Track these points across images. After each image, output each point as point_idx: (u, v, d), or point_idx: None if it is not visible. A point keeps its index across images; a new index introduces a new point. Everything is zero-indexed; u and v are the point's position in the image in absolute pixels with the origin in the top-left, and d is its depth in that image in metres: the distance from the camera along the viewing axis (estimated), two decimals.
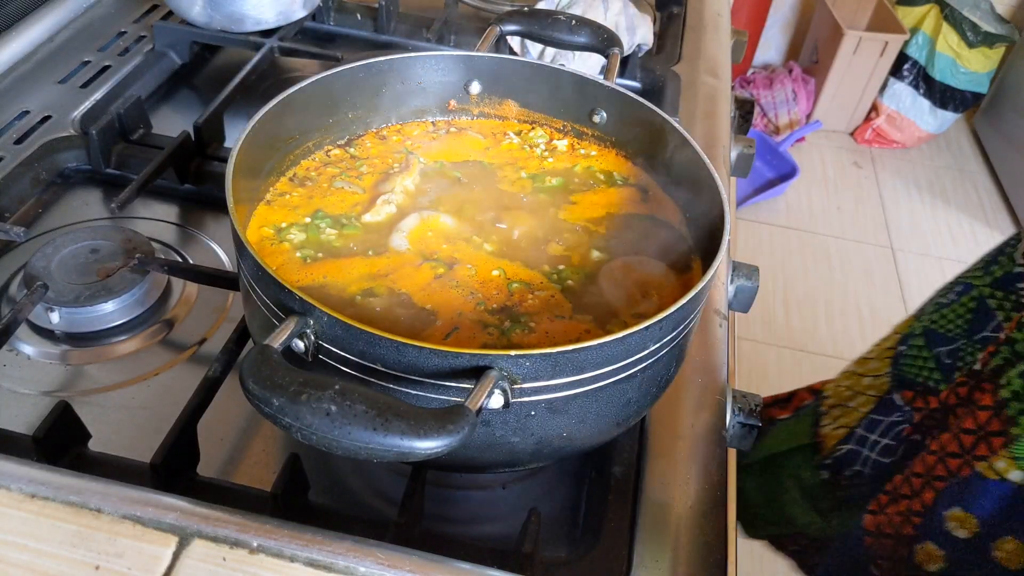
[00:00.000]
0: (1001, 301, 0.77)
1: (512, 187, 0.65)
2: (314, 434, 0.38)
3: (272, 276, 0.45)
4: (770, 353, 2.16)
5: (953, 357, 0.79)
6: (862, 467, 0.87)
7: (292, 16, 0.98)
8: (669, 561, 0.53)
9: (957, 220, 2.68)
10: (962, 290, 0.83)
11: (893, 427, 0.84)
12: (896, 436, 0.83)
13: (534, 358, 0.43)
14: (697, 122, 0.94)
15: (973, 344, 0.78)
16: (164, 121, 0.89)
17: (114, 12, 1.02)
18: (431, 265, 0.56)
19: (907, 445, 0.82)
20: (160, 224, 0.77)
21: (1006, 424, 0.66)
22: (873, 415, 0.86)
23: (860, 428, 0.87)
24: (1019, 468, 0.60)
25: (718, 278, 0.75)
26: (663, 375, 0.53)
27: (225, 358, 0.60)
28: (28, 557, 0.44)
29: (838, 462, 0.90)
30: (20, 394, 0.62)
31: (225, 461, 0.59)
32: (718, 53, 1.08)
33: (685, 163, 0.61)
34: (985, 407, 0.67)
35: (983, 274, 0.81)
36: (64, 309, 0.64)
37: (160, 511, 0.46)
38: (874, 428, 0.86)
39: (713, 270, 0.49)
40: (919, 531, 0.68)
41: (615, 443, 0.59)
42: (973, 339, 0.78)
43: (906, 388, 0.82)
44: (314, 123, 0.64)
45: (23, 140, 0.81)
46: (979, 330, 0.78)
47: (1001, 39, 2.74)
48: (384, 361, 0.44)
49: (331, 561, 0.45)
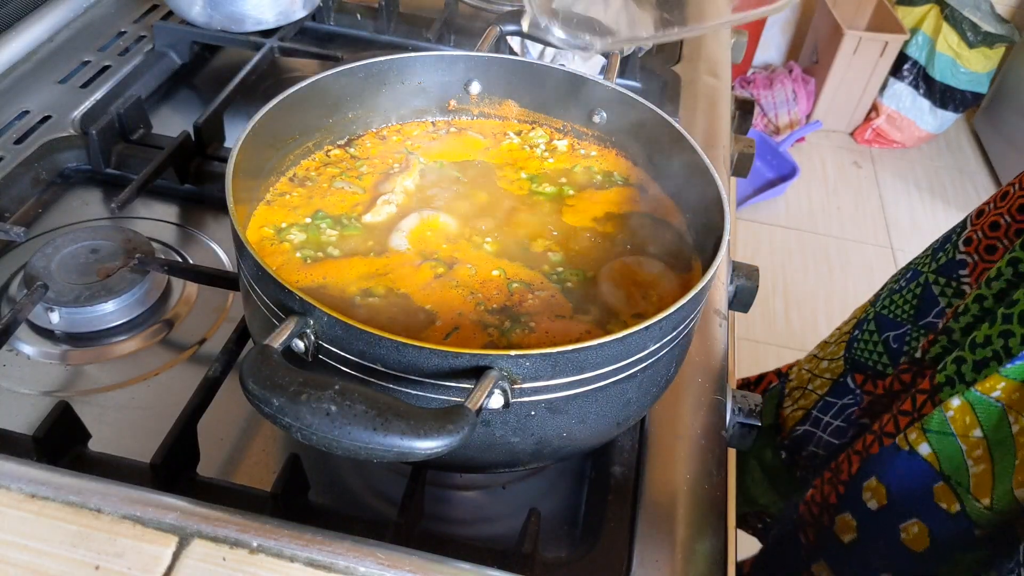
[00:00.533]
0: (944, 288, 0.78)
1: (512, 187, 0.65)
2: (314, 434, 0.38)
3: (272, 276, 0.45)
4: (770, 353, 2.16)
5: (900, 342, 0.80)
6: (816, 447, 0.88)
7: (292, 16, 0.98)
8: (669, 561, 0.53)
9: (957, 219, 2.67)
10: (911, 276, 0.84)
11: (844, 409, 0.85)
12: (847, 419, 0.85)
13: (534, 358, 0.43)
14: (697, 122, 0.94)
15: (918, 329, 0.79)
16: (164, 121, 0.89)
17: (114, 12, 1.02)
18: (431, 265, 0.56)
19: (856, 428, 0.83)
20: (160, 224, 0.77)
21: (938, 407, 0.67)
22: (828, 397, 0.87)
23: (815, 410, 0.88)
24: (927, 441, 0.60)
25: (718, 278, 0.75)
26: (663, 375, 0.53)
27: (225, 358, 0.59)
28: (28, 557, 0.44)
29: (795, 443, 0.91)
30: (20, 394, 0.62)
31: (225, 461, 0.59)
32: (718, 53, 1.08)
33: (685, 163, 0.61)
34: (922, 391, 0.68)
35: (930, 260, 0.82)
36: (64, 309, 0.64)
37: (160, 511, 0.46)
38: (828, 410, 0.87)
39: (713, 270, 0.49)
40: (841, 501, 0.68)
41: (615, 443, 0.59)
42: (918, 325, 0.79)
43: (858, 371, 0.83)
44: (314, 123, 0.64)
45: (23, 140, 0.81)
46: (924, 316, 0.79)
47: (1001, 39, 2.74)
48: (384, 361, 0.44)
49: (331, 561, 0.45)
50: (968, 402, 0.58)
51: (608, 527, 0.54)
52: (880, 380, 0.81)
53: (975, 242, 0.77)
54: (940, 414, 0.60)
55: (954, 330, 0.70)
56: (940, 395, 0.66)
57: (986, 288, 0.67)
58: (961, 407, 0.59)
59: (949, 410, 0.59)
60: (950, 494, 0.60)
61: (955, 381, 0.65)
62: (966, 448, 0.59)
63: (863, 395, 0.81)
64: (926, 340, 0.73)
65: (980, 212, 0.79)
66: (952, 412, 0.59)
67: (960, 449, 0.59)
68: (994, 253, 0.74)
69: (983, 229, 0.76)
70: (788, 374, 1.00)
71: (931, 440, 0.60)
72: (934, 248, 0.83)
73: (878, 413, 0.79)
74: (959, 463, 0.59)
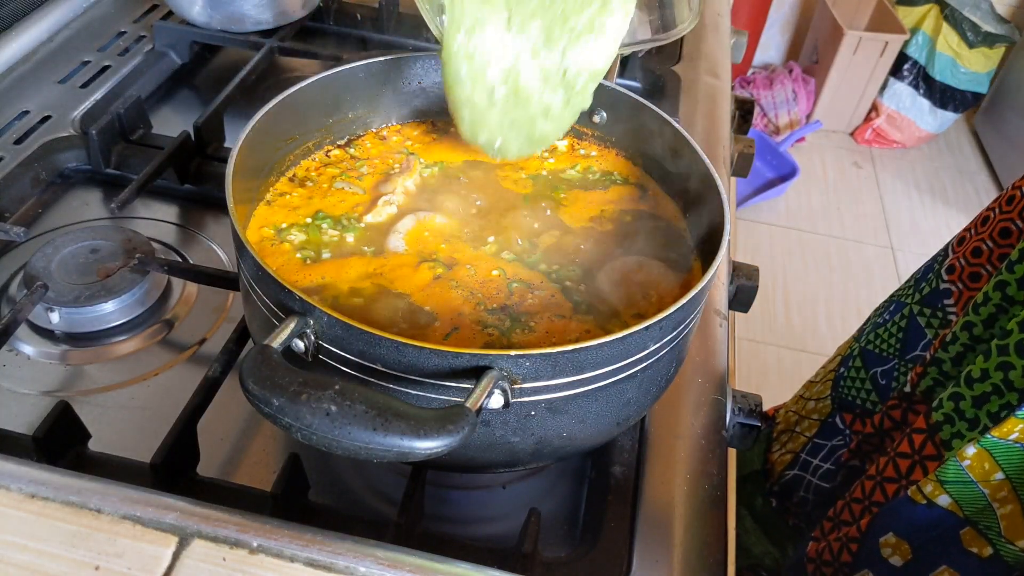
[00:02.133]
0: (929, 319, 0.76)
1: (512, 187, 0.65)
2: (314, 434, 0.38)
3: (272, 276, 0.45)
4: (770, 353, 2.16)
5: (888, 377, 0.78)
6: (805, 493, 0.85)
7: (292, 16, 0.98)
8: (669, 561, 0.53)
9: (957, 220, 2.68)
10: (894, 308, 0.82)
11: (834, 452, 0.83)
12: (836, 461, 0.82)
13: (534, 358, 0.43)
14: (697, 122, 0.94)
15: (905, 364, 0.77)
16: (164, 121, 0.89)
17: (114, 12, 1.02)
18: (430, 265, 0.56)
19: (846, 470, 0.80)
20: (160, 224, 0.77)
21: (940, 448, 0.65)
22: (816, 439, 0.85)
23: (804, 453, 0.86)
24: (946, 492, 0.58)
25: (718, 278, 0.75)
26: (663, 375, 0.53)
27: (225, 358, 0.59)
28: (28, 557, 0.44)
29: (784, 488, 0.89)
30: (20, 394, 0.62)
31: (225, 461, 0.59)
32: (718, 53, 1.08)
33: (685, 163, 0.61)
34: (919, 430, 0.66)
35: (913, 291, 0.80)
36: (64, 309, 0.64)
37: (160, 511, 0.46)
38: (817, 453, 0.85)
39: (713, 270, 0.49)
40: (857, 559, 0.66)
41: (615, 443, 0.59)
42: (905, 359, 0.77)
43: (846, 411, 0.81)
44: (314, 123, 0.64)
45: (23, 140, 0.81)
46: (911, 349, 0.77)
47: (1001, 39, 2.74)
48: (384, 361, 0.43)
49: (331, 561, 0.45)
50: (984, 449, 0.56)
51: (608, 527, 0.54)
52: (868, 418, 0.78)
53: (958, 270, 0.75)
54: (955, 464, 0.58)
55: (944, 360, 0.69)
56: (940, 434, 0.64)
57: (974, 314, 0.66)
58: (978, 454, 0.57)
59: (964, 459, 0.57)
60: (980, 539, 0.58)
61: (954, 419, 0.63)
62: (988, 492, 0.57)
63: (852, 435, 0.79)
64: (914, 373, 0.71)
65: (961, 239, 0.77)
66: (968, 461, 0.57)
67: (983, 494, 0.57)
68: (978, 280, 0.73)
69: (965, 256, 0.75)
70: (775, 417, 0.98)
71: (950, 491, 0.58)
72: (916, 278, 0.81)
73: (867, 453, 0.77)
74: (984, 507, 0.57)
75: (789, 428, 0.92)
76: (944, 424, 0.63)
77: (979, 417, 0.61)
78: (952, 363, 0.68)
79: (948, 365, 0.69)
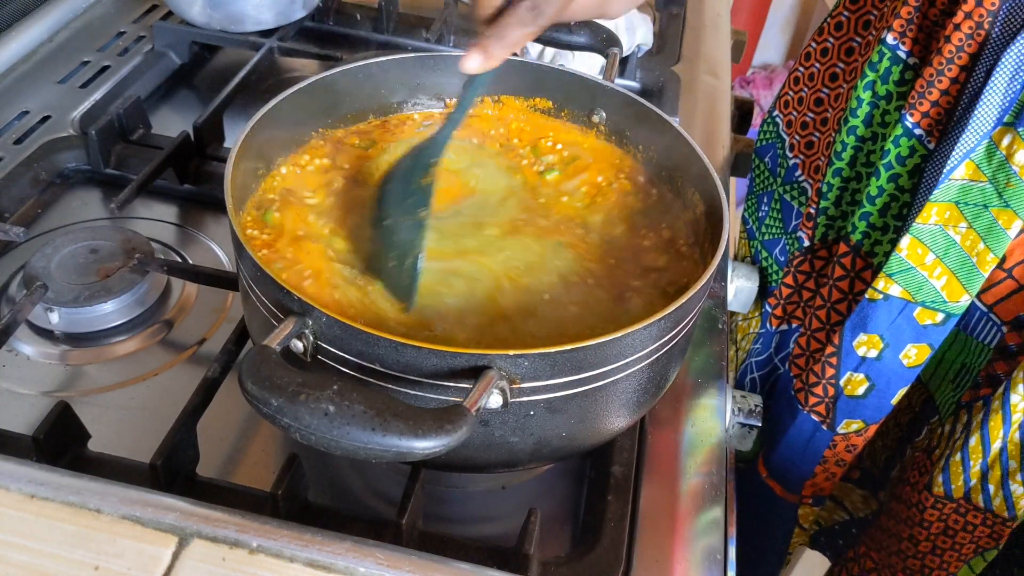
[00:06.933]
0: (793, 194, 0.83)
1: (512, 186, 0.65)
2: (313, 434, 0.38)
3: (271, 276, 0.45)
4: None
5: (785, 253, 0.84)
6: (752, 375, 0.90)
7: (292, 16, 0.98)
8: (669, 561, 0.53)
9: None
10: (767, 200, 0.87)
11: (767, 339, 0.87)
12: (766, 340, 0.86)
13: (533, 358, 0.43)
14: (697, 122, 0.94)
15: (789, 236, 0.83)
16: (164, 121, 0.89)
17: (114, 12, 1.02)
18: (429, 265, 0.56)
19: (778, 335, 0.84)
20: (160, 224, 0.77)
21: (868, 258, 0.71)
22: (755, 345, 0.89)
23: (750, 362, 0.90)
24: (895, 283, 0.66)
25: (717, 278, 0.75)
26: (663, 375, 0.53)
27: (224, 358, 0.59)
28: (28, 557, 0.44)
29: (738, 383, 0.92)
30: (20, 394, 0.62)
31: (225, 461, 0.59)
32: (718, 53, 1.08)
33: (684, 163, 0.61)
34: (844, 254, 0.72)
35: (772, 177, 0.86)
36: (64, 309, 0.64)
37: (160, 511, 0.47)
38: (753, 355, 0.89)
39: (712, 269, 0.49)
40: (839, 368, 0.72)
41: (615, 443, 0.59)
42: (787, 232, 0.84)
43: (770, 297, 0.84)
44: (314, 123, 0.64)
45: (23, 140, 0.81)
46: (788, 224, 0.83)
47: None
48: (383, 361, 0.44)
49: (331, 561, 0.45)
50: (914, 236, 0.64)
51: (608, 527, 0.54)
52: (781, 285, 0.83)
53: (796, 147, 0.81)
54: (897, 256, 0.65)
55: (827, 207, 0.74)
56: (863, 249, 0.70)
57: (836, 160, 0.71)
58: (911, 243, 0.64)
59: (901, 251, 0.64)
60: (929, 311, 0.66)
61: (869, 232, 0.69)
62: (926, 273, 0.65)
63: (772, 311, 0.83)
64: (806, 234, 0.76)
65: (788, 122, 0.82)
66: (906, 251, 0.64)
67: (923, 276, 0.65)
68: (812, 148, 0.79)
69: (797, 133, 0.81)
70: None
71: (897, 280, 0.65)
72: (770, 169, 0.86)
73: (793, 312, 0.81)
74: (925, 285, 0.65)
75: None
76: (863, 240, 0.70)
77: (888, 223, 0.68)
78: (834, 205, 0.74)
79: (833, 210, 0.74)
